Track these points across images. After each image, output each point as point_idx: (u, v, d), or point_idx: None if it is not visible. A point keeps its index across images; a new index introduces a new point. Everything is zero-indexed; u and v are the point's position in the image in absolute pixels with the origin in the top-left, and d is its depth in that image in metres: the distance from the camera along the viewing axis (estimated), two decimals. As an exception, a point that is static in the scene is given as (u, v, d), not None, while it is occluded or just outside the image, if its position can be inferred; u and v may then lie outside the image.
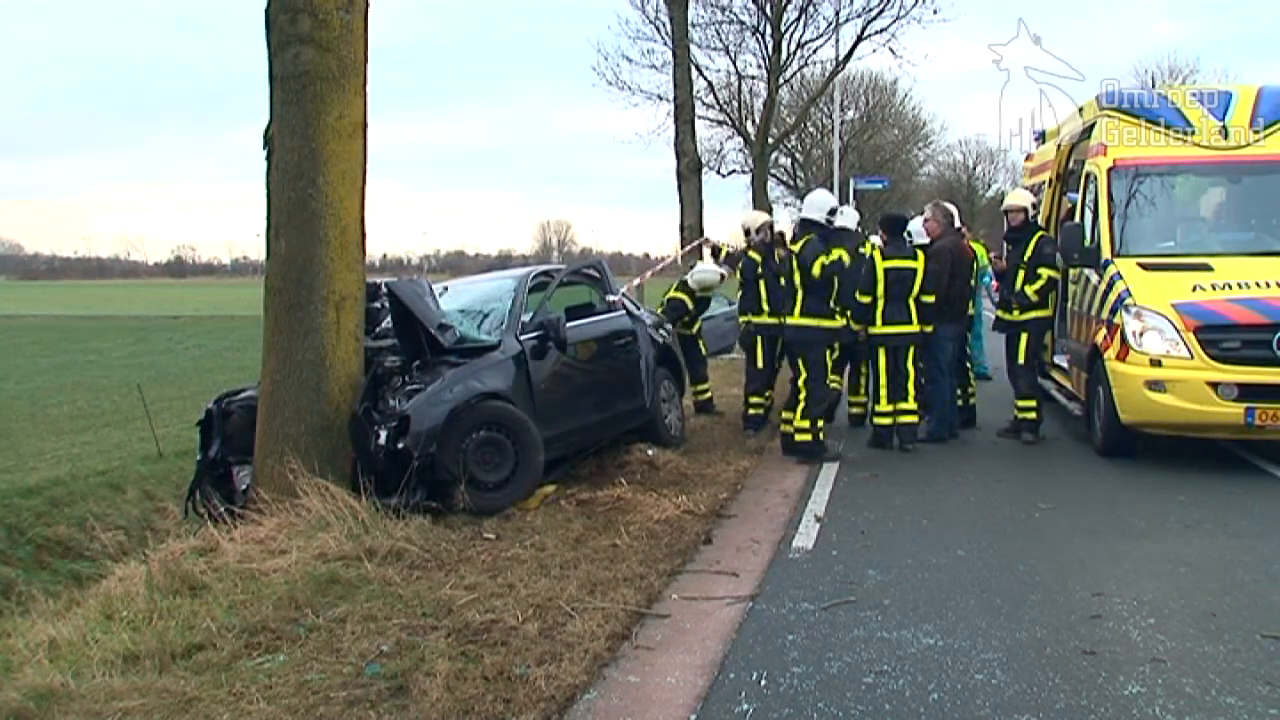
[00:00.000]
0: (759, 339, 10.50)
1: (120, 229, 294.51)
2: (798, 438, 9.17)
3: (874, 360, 9.71)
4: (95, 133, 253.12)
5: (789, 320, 9.17)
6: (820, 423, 9.20)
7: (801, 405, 9.11)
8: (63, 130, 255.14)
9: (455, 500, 6.91)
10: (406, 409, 6.98)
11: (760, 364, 10.55)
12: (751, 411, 10.76)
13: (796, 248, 9.12)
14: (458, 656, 4.53)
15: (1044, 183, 12.28)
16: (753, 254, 10.56)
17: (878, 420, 9.75)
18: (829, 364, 9.48)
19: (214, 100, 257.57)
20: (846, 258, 9.05)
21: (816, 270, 8.87)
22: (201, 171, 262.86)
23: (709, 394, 11.85)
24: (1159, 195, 9.71)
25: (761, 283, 10.35)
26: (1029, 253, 9.77)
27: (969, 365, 10.88)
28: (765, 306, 10.31)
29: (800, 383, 9.13)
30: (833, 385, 10.22)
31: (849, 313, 9.33)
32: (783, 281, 9.61)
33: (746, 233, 10.95)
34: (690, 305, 11.54)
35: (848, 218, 9.76)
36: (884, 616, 5.14)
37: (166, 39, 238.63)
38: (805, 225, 9.21)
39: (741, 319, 10.91)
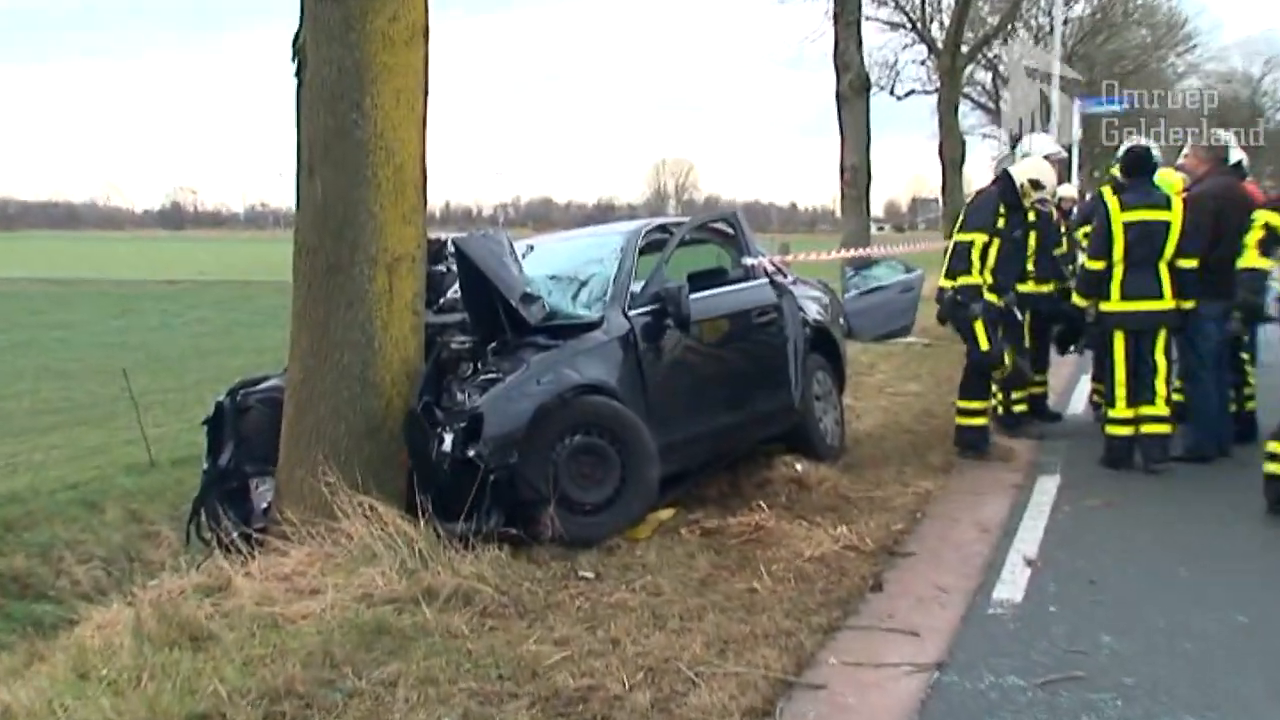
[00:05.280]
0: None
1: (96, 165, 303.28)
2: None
3: (1109, 348, 9.55)
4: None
5: None
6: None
7: None
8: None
9: (542, 526, 6.97)
10: (479, 405, 7.06)
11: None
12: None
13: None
14: (545, 734, 4.59)
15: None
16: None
17: (1113, 429, 9.58)
18: None
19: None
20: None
21: None
22: (202, 90, 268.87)
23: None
24: None
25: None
26: None
27: (1244, 356, 10.57)
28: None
29: None
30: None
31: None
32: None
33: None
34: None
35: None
36: (1126, 701, 5.04)
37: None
38: None
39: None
